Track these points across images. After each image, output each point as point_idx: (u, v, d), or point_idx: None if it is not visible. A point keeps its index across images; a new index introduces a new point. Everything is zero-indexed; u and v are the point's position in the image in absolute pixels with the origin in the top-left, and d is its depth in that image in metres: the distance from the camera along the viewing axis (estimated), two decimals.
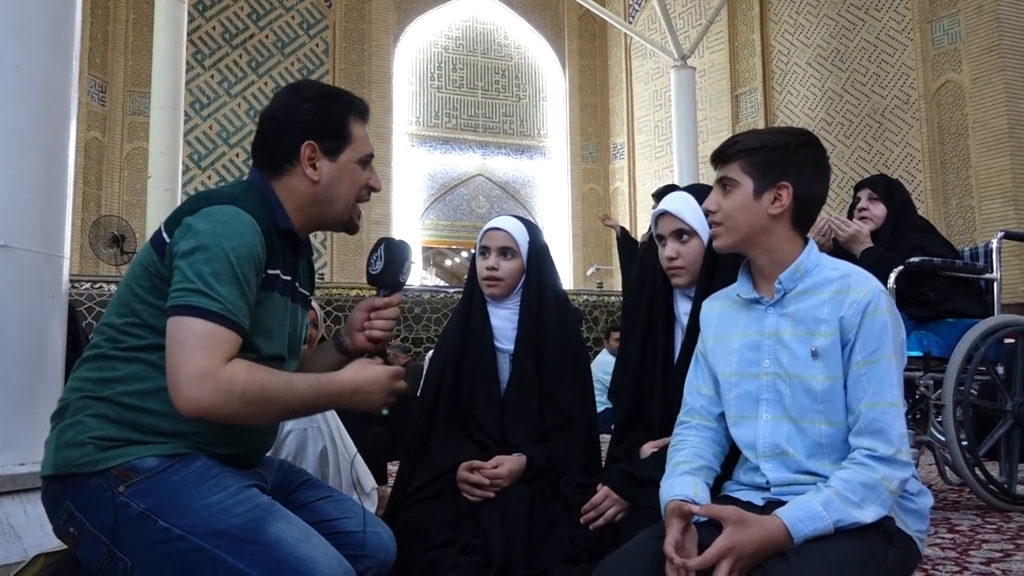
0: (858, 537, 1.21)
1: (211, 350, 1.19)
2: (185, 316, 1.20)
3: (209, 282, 1.21)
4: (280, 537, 1.22)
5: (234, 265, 1.23)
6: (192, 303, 1.20)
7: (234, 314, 1.22)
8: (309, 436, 2.40)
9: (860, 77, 10.46)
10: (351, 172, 1.41)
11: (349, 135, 1.40)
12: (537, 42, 14.32)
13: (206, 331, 1.20)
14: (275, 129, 1.39)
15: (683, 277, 1.74)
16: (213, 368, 1.18)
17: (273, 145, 1.39)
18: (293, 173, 1.38)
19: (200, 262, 1.22)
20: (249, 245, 1.26)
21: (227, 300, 1.22)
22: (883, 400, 1.28)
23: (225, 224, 1.26)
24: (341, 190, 1.40)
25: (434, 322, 8.78)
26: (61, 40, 2.13)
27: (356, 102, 1.44)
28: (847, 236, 2.85)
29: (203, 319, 1.20)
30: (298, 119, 1.38)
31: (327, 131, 1.38)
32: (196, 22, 11.84)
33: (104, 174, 11.29)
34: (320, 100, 1.40)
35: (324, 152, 1.38)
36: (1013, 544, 2.20)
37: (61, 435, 1.27)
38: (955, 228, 9.09)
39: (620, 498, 1.70)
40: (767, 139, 1.38)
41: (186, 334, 1.20)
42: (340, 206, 1.42)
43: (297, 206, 1.39)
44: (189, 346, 1.19)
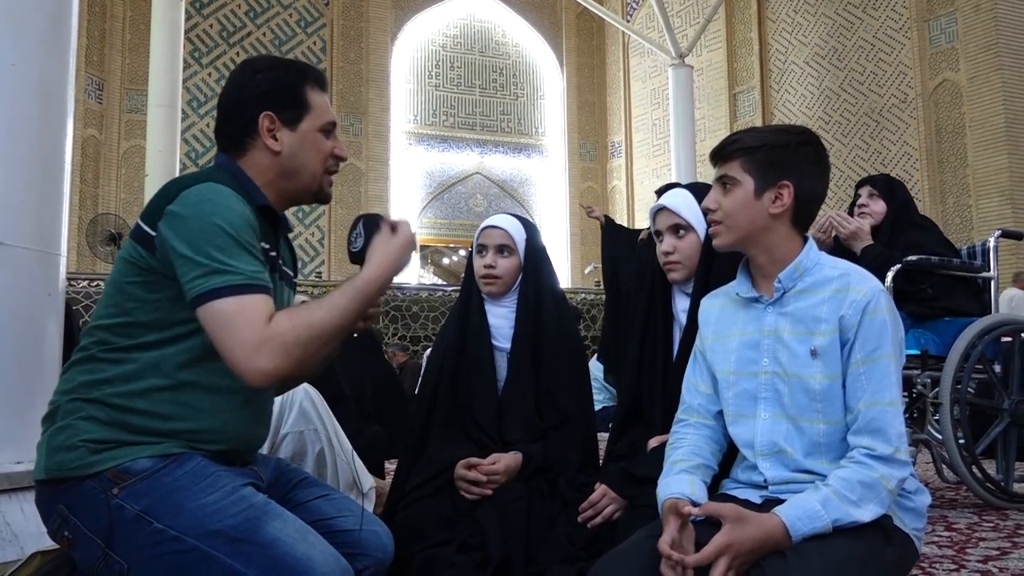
0: (856, 535, 1.21)
1: (251, 321, 1.19)
2: (212, 301, 1.20)
3: (219, 258, 1.21)
4: (276, 536, 1.22)
5: (233, 235, 1.23)
6: (214, 285, 1.20)
7: (256, 278, 1.23)
8: (307, 438, 2.40)
9: (857, 76, 10.47)
10: (314, 140, 1.40)
11: (307, 103, 1.40)
12: (535, 40, 14.32)
13: (239, 306, 1.20)
14: (231, 106, 1.38)
15: (679, 272, 1.75)
16: (260, 335, 1.19)
17: (232, 123, 1.38)
18: (255, 147, 1.37)
19: (202, 245, 1.22)
20: (240, 214, 1.26)
21: (244, 270, 1.22)
22: (882, 399, 1.28)
23: (209, 201, 1.25)
24: (305, 159, 1.39)
25: (432, 320, 8.78)
26: (58, 38, 2.12)
27: (310, 70, 1.43)
28: (848, 233, 2.85)
29: (229, 296, 1.20)
30: (252, 91, 1.37)
31: (283, 100, 1.38)
32: (193, 20, 11.82)
33: (101, 172, 11.27)
34: (272, 70, 1.40)
35: (283, 122, 1.37)
36: (1010, 542, 2.20)
37: (52, 439, 1.26)
38: (952, 227, 9.11)
39: (618, 496, 1.70)
40: (768, 137, 1.38)
41: (222, 316, 1.20)
42: (307, 176, 1.41)
43: (266, 181, 1.38)
44: (230, 326, 1.19)
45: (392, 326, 8.65)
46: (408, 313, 8.78)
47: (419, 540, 1.71)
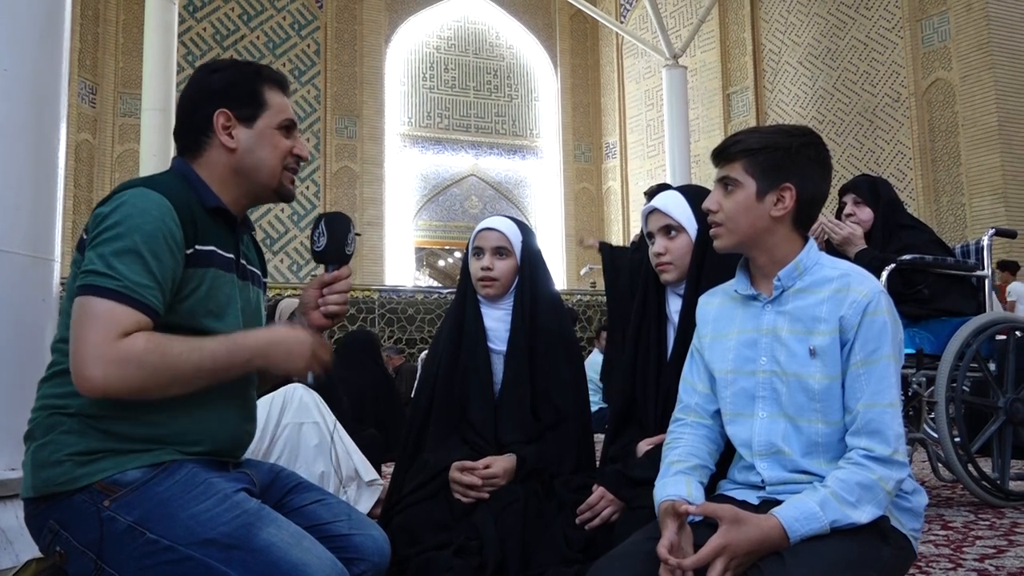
0: (853, 536, 1.21)
1: (104, 327, 1.17)
2: (84, 296, 1.19)
3: (110, 262, 1.20)
4: (271, 542, 1.21)
5: (139, 243, 1.21)
6: (91, 283, 1.19)
7: (136, 292, 1.20)
8: (304, 431, 2.40)
9: (851, 75, 10.50)
10: (271, 137, 1.39)
11: (263, 101, 1.39)
12: (529, 42, 14.33)
13: (104, 310, 1.18)
14: (187, 105, 1.39)
15: (671, 273, 1.76)
16: (107, 344, 1.16)
17: (187, 121, 1.38)
18: (211, 146, 1.37)
19: (103, 244, 1.22)
20: (156, 222, 1.24)
21: (127, 278, 1.20)
22: (881, 400, 1.27)
23: (132, 205, 1.24)
24: (262, 156, 1.39)
25: (428, 323, 8.77)
26: (51, 42, 2.11)
27: (267, 70, 1.43)
28: (840, 238, 2.85)
29: (102, 298, 1.18)
30: (208, 89, 1.38)
31: (239, 98, 1.38)
32: (187, 23, 11.80)
33: (95, 176, 11.25)
34: (229, 69, 1.40)
35: (239, 119, 1.37)
36: (1006, 540, 2.20)
37: (36, 456, 1.25)
38: (946, 225, 9.13)
39: (615, 498, 1.70)
40: (770, 139, 1.36)
41: (85, 313, 1.18)
42: (265, 173, 1.40)
43: (220, 180, 1.38)
44: (86, 326, 1.17)
45: (388, 329, 8.64)
46: (404, 316, 8.76)
47: (415, 544, 1.71)
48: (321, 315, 1.46)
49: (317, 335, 1.35)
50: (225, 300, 1.34)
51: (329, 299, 1.45)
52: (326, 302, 1.45)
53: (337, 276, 1.46)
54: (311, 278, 8.37)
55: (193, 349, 1.23)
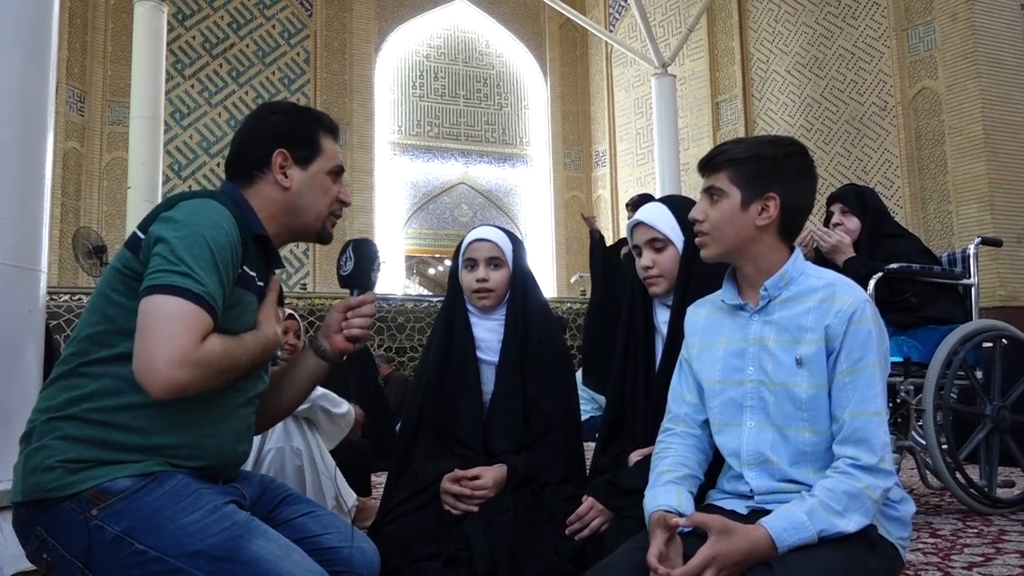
0: (841, 545, 1.22)
1: (190, 331, 1.18)
2: (167, 295, 1.19)
3: (191, 265, 1.21)
4: (260, 555, 1.20)
5: (214, 252, 1.24)
6: (175, 283, 1.20)
7: (214, 299, 1.23)
8: (286, 455, 2.39)
9: (838, 84, 10.58)
10: (321, 182, 1.45)
11: (319, 147, 1.45)
12: (518, 50, 14.37)
13: (189, 311, 1.19)
14: (247, 141, 1.43)
15: (660, 286, 1.76)
16: (195, 349, 1.19)
17: (245, 156, 1.43)
18: (265, 181, 1.41)
19: (181, 247, 1.22)
20: (227, 235, 1.27)
21: (208, 284, 1.22)
22: (867, 409, 1.28)
23: (203, 214, 1.27)
24: (312, 199, 1.44)
25: (417, 331, 8.75)
26: (38, 50, 2.11)
27: (325, 118, 1.50)
28: (829, 246, 2.86)
29: (186, 299, 1.19)
30: (269, 129, 1.43)
31: (297, 141, 1.43)
32: (176, 31, 11.78)
33: (83, 185, 11.18)
34: (290, 113, 1.47)
35: (295, 160, 1.42)
36: (994, 548, 2.21)
37: (28, 460, 1.24)
38: (933, 233, 9.20)
39: (605, 508, 1.70)
40: (754, 149, 1.38)
41: (168, 313, 1.18)
42: (312, 215, 1.45)
43: (270, 214, 1.41)
44: (167, 325, 1.17)
45: (378, 337, 8.61)
46: (394, 324, 8.74)
47: (405, 555, 1.70)
48: (343, 339, 1.49)
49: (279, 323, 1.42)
50: (251, 323, 1.37)
51: (353, 323, 1.49)
52: (350, 326, 1.49)
53: (363, 301, 1.50)
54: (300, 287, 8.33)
55: (242, 348, 1.30)
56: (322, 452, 2.47)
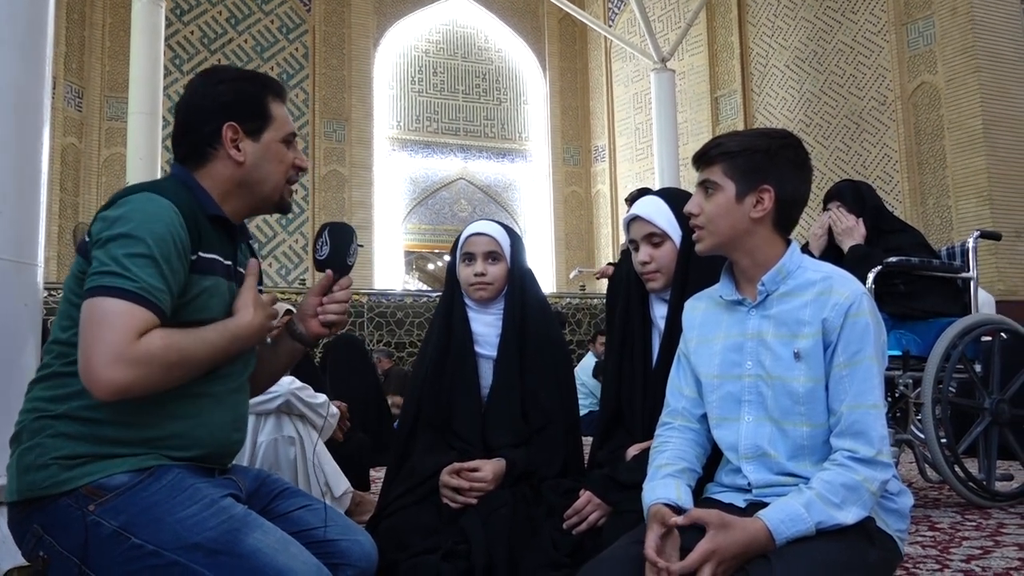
0: (839, 538, 1.22)
1: (122, 328, 1.16)
2: (100, 297, 1.18)
3: (124, 264, 1.19)
4: (257, 547, 1.20)
5: (151, 247, 1.21)
6: (107, 283, 1.18)
7: (152, 295, 1.20)
8: (280, 445, 2.40)
9: (837, 79, 10.56)
10: (276, 151, 1.40)
11: (269, 115, 1.40)
12: (517, 45, 14.34)
13: (122, 310, 1.17)
14: (193, 116, 1.38)
15: (658, 281, 1.75)
16: (128, 346, 1.16)
17: (194, 133, 1.37)
18: (217, 158, 1.37)
19: (115, 246, 1.21)
20: (167, 226, 1.24)
21: (144, 280, 1.19)
22: (864, 402, 1.28)
23: (140, 210, 1.24)
24: (268, 170, 1.40)
25: (417, 326, 8.75)
26: (33, 45, 2.10)
27: (272, 82, 1.44)
28: (843, 228, 2.87)
29: (119, 299, 1.18)
30: (216, 102, 1.37)
31: (246, 111, 1.38)
32: (174, 26, 11.75)
33: (81, 180, 11.17)
34: (236, 81, 1.40)
35: (246, 133, 1.37)
36: (992, 541, 2.21)
37: (21, 459, 1.24)
38: (933, 228, 9.20)
39: (603, 502, 1.70)
40: (748, 142, 1.38)
41: (101, 314, 1.17)
42: (269, 186, 1.41)
43: (224, 191, 1.38)
44: (105, 326, 1.16)
45: (377, 332, 8.61)
46: (393, 319, 8.74)
47: (403, 548, 1.70)
48: (319, 323, 1.47)
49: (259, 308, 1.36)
50: (222, 307, 1.35)
51: (328, 308, 1.47)
52: (325, 311, 1.47)
53: (339, 285, 1.48)
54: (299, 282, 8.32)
55: (200, 343, 1.25)
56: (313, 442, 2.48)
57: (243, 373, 1.41)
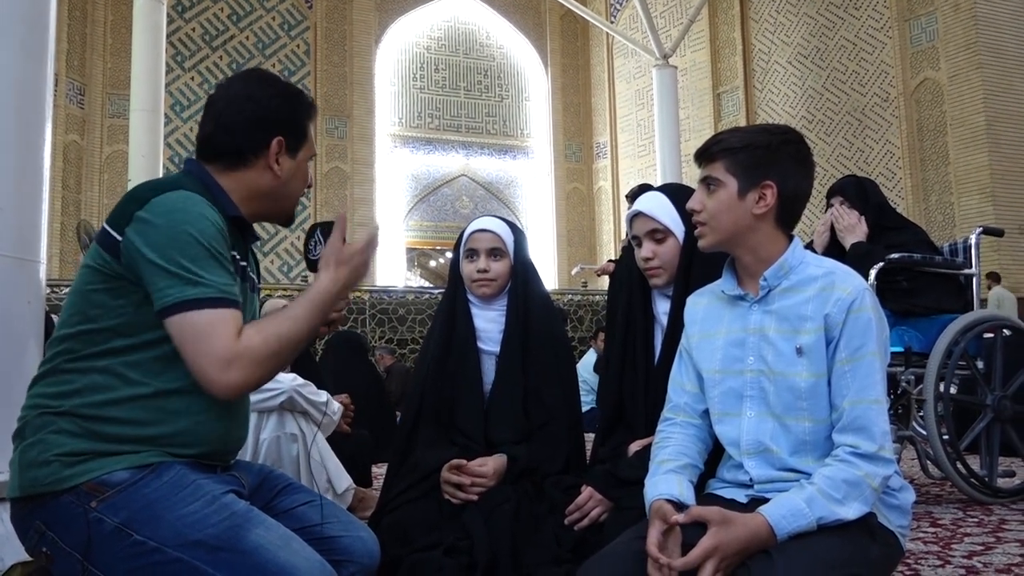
0: (841, 533, 1.22)
1: (223, 335, 1.20)
2: (183, 312, 1.20)
3: (190, 269, 1.21)
4: (259, 544, 1.20)
5: (205, 246, 1.23)
6: (185, 297, 1.20)
7: (226, 292, 1.23)
8: (283, 442, 2.41)
9: (840, 75, 10.54)
10: (303, 170, 1.45)
11: (307, 134, 1.45)
12: (519, 42, 14.33)
13: (211, 319, 1.20)
14: (242, 120, 1.37)
15: (661, 277, 1.75)
16: (232, 350, 1.20)
17: (240, 136, 1.37)
18: (254, 167, 1.38)
19: (173, 254, 1.21)
20: (212, 223, 1.26)
21: (215, 281, 1.22)
22: (867, 397, 1.28)
23: (181, 210, 1.25)
24: (295, 187, 1.44)
25: (419, 323, 8.76)
26: (35, 42, 2.10)
27: (312, 103, 1.49)
28: (845, 224, 2.86)
29: (201, 309, 1.20)
30: (270, 114, 1.38)
31: (294, 128, 1.41)
32: (175, 24, 11.76)
33: (84, 178, 11.19)
34: (287, 97, 1.42)
35: (287, 149, 1.40)
36: (994, 537, 2.21)
37: (24, 455, 1.24)
38: (935, 224, 9.19)
39: (604, 498, 1.70)
40: (750, 138, 1.38)
41: (194, 330, 1.20)
42: (291, 201, 1.46)
43: (246, 197, 1.38)
44: (202, 340, 1.19)
45: (379, 329, 8.62)
46: (395, 316, 8.75)
47: (406, 544, 1.70)
48: None
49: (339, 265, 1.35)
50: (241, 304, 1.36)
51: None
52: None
53: None
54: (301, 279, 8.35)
55: (293, 321, 1.28)
56: (316, 439, 2.49)
57: None
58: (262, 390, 2.38)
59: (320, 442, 2.53)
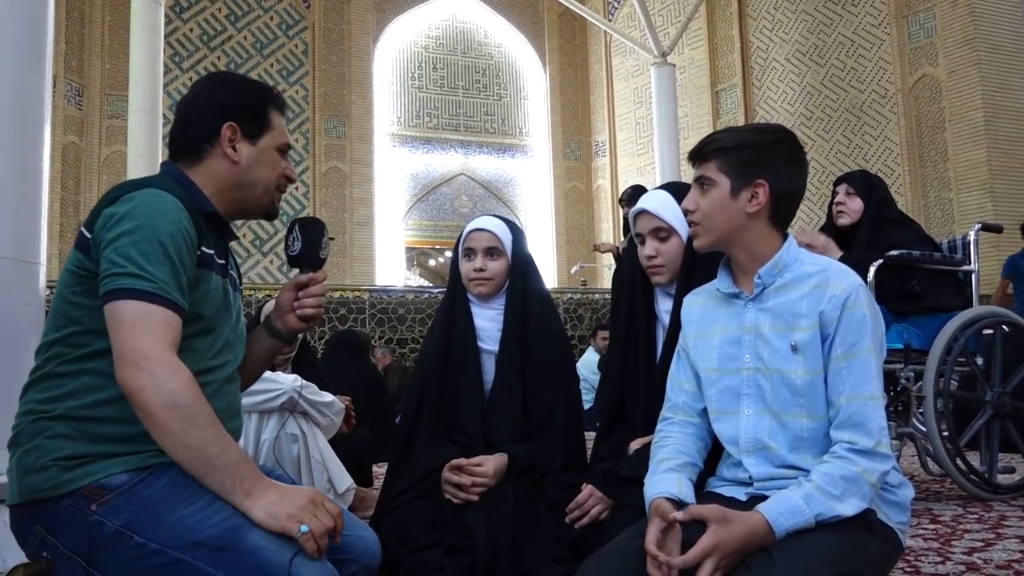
0: (840, 530, 1.22)
1: (153, 332, 1.19)
2: (119, 300, 1.20)
3: (139, 263, 1.21)
4: (260, 544, 1.20)
5: (163, 243, 1.23)
6: (124, 285, 1.20)
7: (168, 292, 1.22)
8: (283, 443, 2.41)
9: (838, 72, 10.54)
10: (270, 158, 1.44)
11: (269, 122, 1.44)
12: (517, 40, 14.32)
13: (143, 312, 1.19)
14: (195, 112, 1.41)
15: (663, 275, 1.74)
16: (157, 351, 1.18)
17: (193, 128, 1.40)
18: (213, 155, 1.40)
19: (127, 245, 1.22)
20: (176, 223, 1.26)
21: (159, 279, 1.21)
22: (863, 393, 1.28)
23: (148, 206, 1.25)
24: (261, 174, 1.43)
25: (418, 323, 8.76)
26: (33, 45, 2.10)
27: (275, 93, 1.49)
28: (820, 247, 2.83)
29: (137, 300, 1.20)
30: (219, 101, 1.41)
31: (247, 115, 1.41)
32: (173, 24, 11.74)
33: (82, 179, 11.17)
34: (240, 86, 1.45)
35: (244, 135, 1.41)
36: (994, 533, 2.22)
37: (21, 462, 1.24)
38: (934, 221, 9.19)
39: (604, 496, 1.70)
40: (742, 137, 1.39)
41: (124, 316, 1.20)
42: (260, 190, 1.44)
43: (217, 190, 1.40)
44: (128, 327, 1.19)
45: (379, 328, 8.62)
46: (394, 315, 8.75)
47: (406, 543, 1.71)
48: (296, 318, 1.49)
49: (323, 498, 1.24)
50: (220, 303, 1.37)
51: (305, 302, 1.49)
52: (301, 305, 1.49)
53: (313, 279, 1.49)
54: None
55: (216, 424, 1.20)
56: (316, 439, 2.49)
57: (234, 364, 1.43)
58: (262, 391, 2.39)
59: (321, 442, 2.53)
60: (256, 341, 1.54)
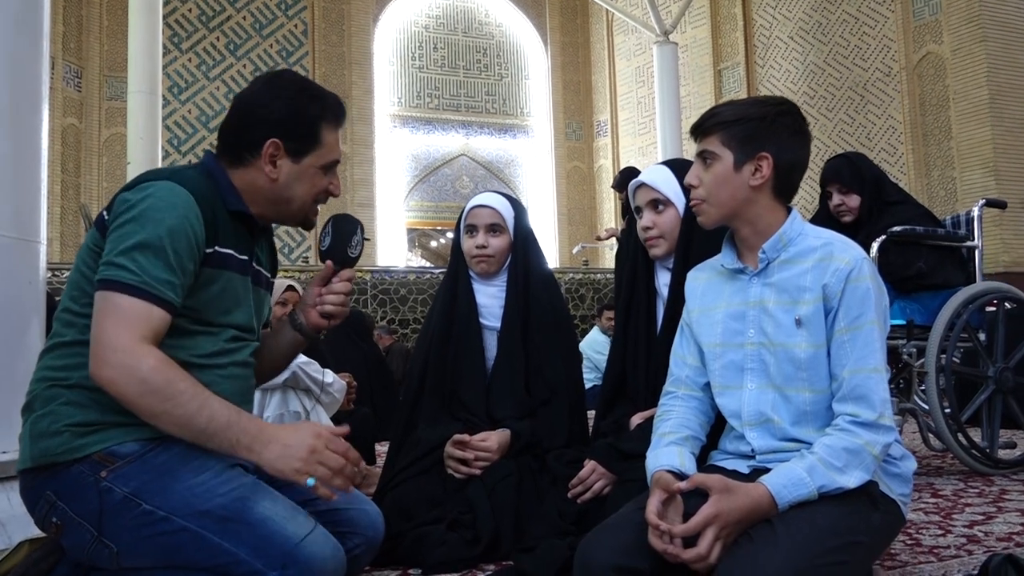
0: (842, 502, 1.22)
1: (126, 324, 1.19)
2: (105, 290, 1.21)
3: (132, 255, 1.22)
4: (266, 515, 1.22)
5: (162, 238, 1.23)
6: (110, 276, 1.21)
7: (153, 286, 1.21)
8: (287, 420, 2.42)
9: (842, 50, 10.46)
10: (311, 176, 1.39)
11: (318, 139, 1.39)
12: (518, 20, 14.22)
13: (123, 304, 1.20)
14: (243, 118, 1.38)
15: (660, 247, 1.75)
16: (124, 342, 1.18)
17: (238, 134, 1.38)
18: (253, 166, 1.37)
19: (127, 234, 1.23)
20: (181, 219, 1.25)
21: (147, 272, 1.21)
22: (866, 366, 1.28)
23: (158, 198, 1.25)
24: (298, 192, 1.39)
25: (420, 303, 8.76)
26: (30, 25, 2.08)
27: (333, 107, 1.41)
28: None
29: (120, 292, 1.20)
30: (268, 114, 1.35)
31: (296, 131, 1.36)
32: (172, 4, 11.66)
33: (82, 161, 11.14)
34: (296, 98, 1.37)
35: (287, 152, 1.36)
36: (995, 507, 2.22)
37: (34, 426, 1.25)
38: (937, 199, 9.15)
39: (607, 472, 1.71)
40: (745, 110, 1.38)
41: (106, 307, 1.21)
42: (295, 207, 1.41)
43: (253, 198, 1.38)
44: (106, 318, 1.20)
45: (380, 309, 8.63)
46: (396, 296, 8.76)
47: (409, 519, 1.72)
48: (318, 314, 1.47)
49: (325, 438, 1.24)
50: (235, 301, 1.36)
51: (327, 299, 1.47)
52: (323, 302, 1.47)
53: (339, 276, 1.47)
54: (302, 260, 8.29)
55: (197, 395, 1.20)
56: (319, 416, 2.50)
57: (248, 349, 1.42)
58: None
59: (324, 419, 2.54)
60: (280, 334, 1.53)
